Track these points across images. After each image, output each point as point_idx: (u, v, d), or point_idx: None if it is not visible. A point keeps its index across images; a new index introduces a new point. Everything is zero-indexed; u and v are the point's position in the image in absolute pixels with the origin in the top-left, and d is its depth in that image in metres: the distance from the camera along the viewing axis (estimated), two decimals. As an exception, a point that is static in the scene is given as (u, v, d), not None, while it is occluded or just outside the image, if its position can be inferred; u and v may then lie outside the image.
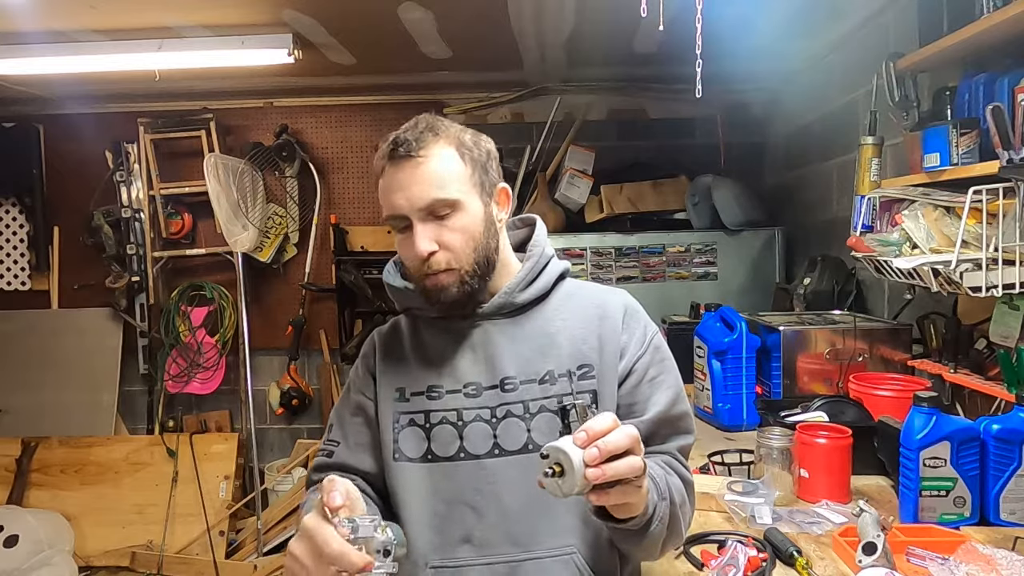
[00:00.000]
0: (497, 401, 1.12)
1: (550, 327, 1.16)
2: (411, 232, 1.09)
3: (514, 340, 1.15)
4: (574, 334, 1.15)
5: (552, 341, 1.15)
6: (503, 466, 1.10)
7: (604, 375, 1.13)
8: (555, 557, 1.08)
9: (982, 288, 1.55)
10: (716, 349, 2.17)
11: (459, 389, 1.13)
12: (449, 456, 1.11)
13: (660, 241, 3.35)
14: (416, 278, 1.13)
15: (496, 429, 1.11)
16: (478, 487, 1.10)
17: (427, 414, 1.14)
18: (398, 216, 1.10)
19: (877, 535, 1.23)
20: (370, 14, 2.71)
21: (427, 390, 1.15)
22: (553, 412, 1.11)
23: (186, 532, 3.75)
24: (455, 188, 1.09)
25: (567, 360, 1.14)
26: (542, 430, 1.10)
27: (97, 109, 4.00)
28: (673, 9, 1.74)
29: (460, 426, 1.12)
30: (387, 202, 1.10)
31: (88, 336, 4.09)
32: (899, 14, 2.35)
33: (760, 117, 3.92)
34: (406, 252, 1.12)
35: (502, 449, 1.10)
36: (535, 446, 1.09)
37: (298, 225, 4.06)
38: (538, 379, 1.12)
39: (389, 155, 1.09)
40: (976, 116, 1.69)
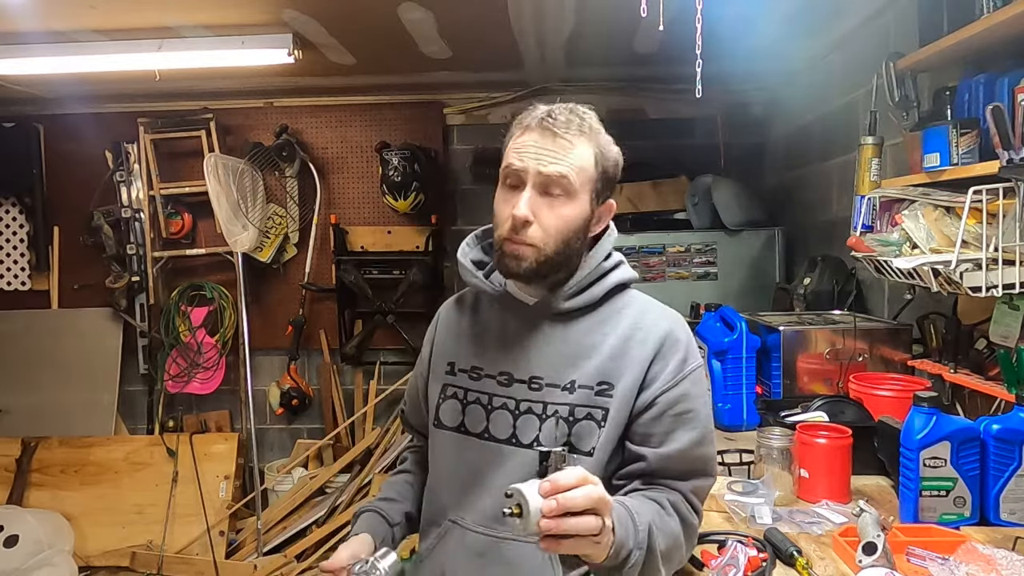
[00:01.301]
0: (523, 395, 1.18)
1: (590, 338, 1.17)
2: (518, 192, 1.13)
3: (552, 343, 1.19)
4: (607, 350, 1.16)
5: (586, 352, 1.16)
6: (515, 454, 1.16)
7: (620, 397, 1.13)
8: (531, 542, 1.08)
9: (982, 288, 1.55)
10: (716, 349, 2.17)
11: (495, 375, 1.20)
12: (477, 433, 1.20)
13: (660, 241, 3.35)
14: (500, 238, 1.15)
15: (516, 420, 1.17)
16: (494, 466, 1.17)
17: (466, 391, 1.22)
18: (518, 171, 1.13)
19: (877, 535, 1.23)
20: (370, 14, 2.71)
21: (471, 369, 1.23)
22: (564, 419, 1.14)
23: (186, 532, 3.75)
24: (577, 179, 1.13)
25: (592, 373, 1.15)
26: (548, 432, 1.14)
27: (97, 109, 4.01)
28: (673, 9, 1.74)
29: (488, 409, 1.20)
30: (513, 157, 1.14)
31: (88, 336, 4.09)
32: (899, 14, 2.35)
33: (760, 117, 3.92)
34: (504, 209, 1.14)
35: (518, 440, 1.17)
36: (538, 443, 1.14)
37: (298, 225, 4.06)
38: (561, 385, 1.16)
39: (540, 122, 1.13)
40: (976, 116, 1.69)
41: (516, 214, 1.11)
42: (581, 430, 1.13)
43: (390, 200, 3.82)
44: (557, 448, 0.95)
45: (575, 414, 1.13)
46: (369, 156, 4.01)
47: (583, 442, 1.13)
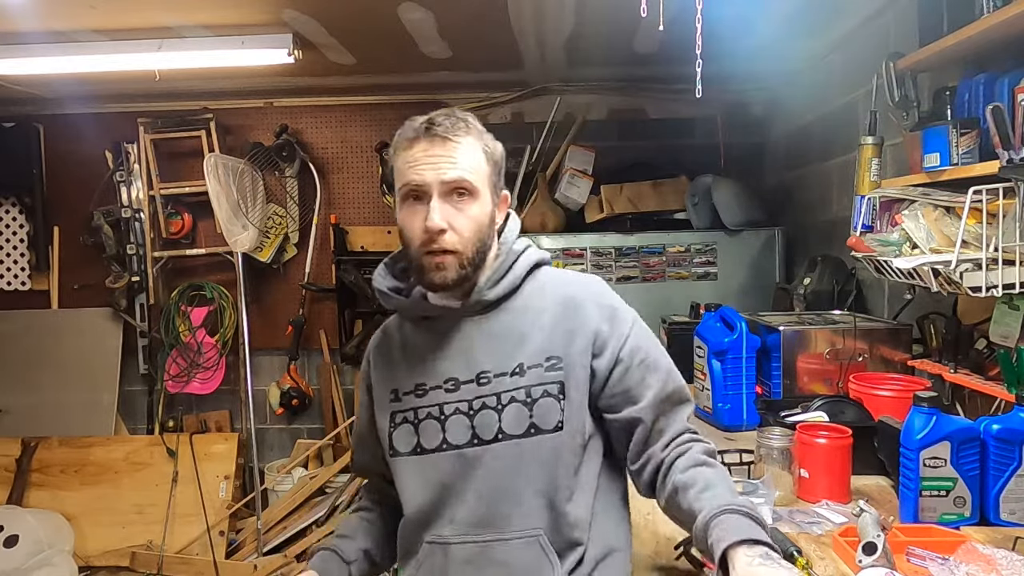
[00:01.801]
0: (474, 394, 1.18)
1: (522, 320, 1.21)
2: (424, 205, 1.14)
3: (489, 335, 1.20)
4: (544, 326, 1.19)
5: (523, 334, 1.19)
6: (480, 454, 1.17)
7: (571, 367, 1.17)
8: (521, 539, 1.15)
9: (982, 288, 1.55)
10: (716, 349, 2.17)
11: (440, 385, 1.20)
12: (434, 448, 1.19)
13: (660, 241, 3.35)
14: (417, 253, 1.16)
15: (473, 420, 1.18)
16: (459, 474, 1.17)
17: (415, 411, 1.22)
18: (419, 186, 1.13)
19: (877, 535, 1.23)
20: (370, 14, 2.71)
21: (414, 388, 1.22)
22: (521, 403, 1.16)
23: (186, 532, 3.75)
24: (477, 177, 1.16)
25: (537, 351, 1.18)
26: (510, 420, 1.16)
27: (97, 109, 4.00)
28: (673, 9, 1.74)
29: (442, 419, 1.19)
30: (411, 172, 1.14)
31: (88, 336, 4.09)
32: (899, 14, 2.35)
33: (760, 117, 3.92)
34: (415, 224, 1.14)
35: (480, 439, 1.17)
36: (504, 435, 1.16)
37: (298, 225, 4.06)
38: (509, 372, 1.18)
39: (425, 131, 1.14)
40: (976, 116, 1.69)
41: (431, 225, 1.12)
42: (541, 409, 1.15)
43: (390, 200, 3.82)
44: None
45: (532, 394, 1.16)
46: (369, 156, 4.01)
47: (547, 420, 1.15)
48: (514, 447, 1.15)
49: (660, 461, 1.16)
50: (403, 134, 1.17)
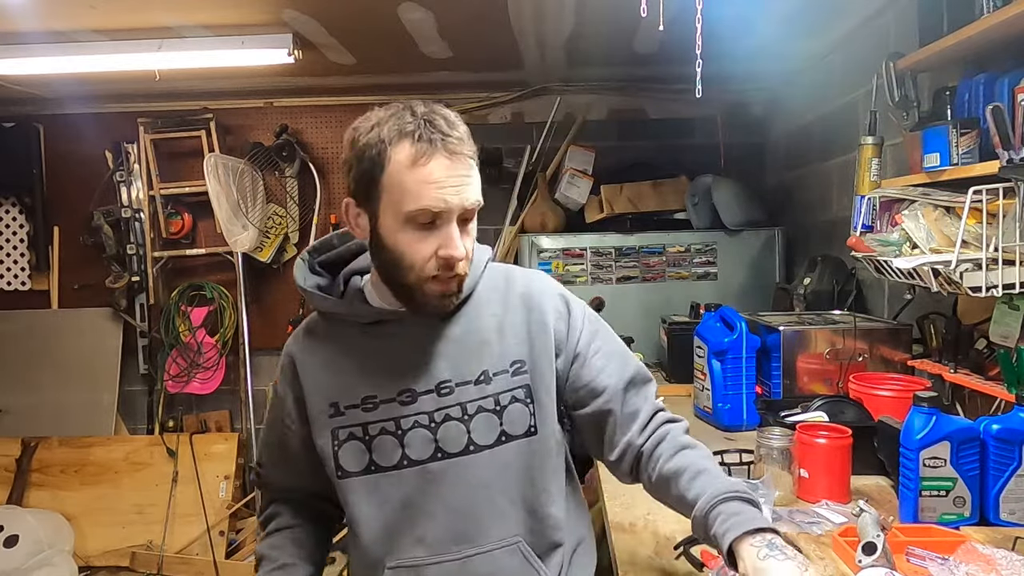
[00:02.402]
0: (434, 406, 1.11)
1: (480, 324, 1.15)
2: (435, 230, 1.02)
3: (446, 342, 1.13)
4: (504, 330, 1.15)
5: (484, 339, 1.14)
6: (446, 468, 1.10)
7: (537, 370, 1.14)
8: (502, 548, 1.11)
9: (982, 288, 1.55)
10: (716, 349, 2.17)
11: (393, 398, 1.11)
12: (392, 465, 1.11)
13: (660, 241, 3.35)
14: (419, 279, 1.05)
15: (436, 433, 1.10)
16: (424, 490, 1.10)
17: (365, 426, 1.11)
18: (436, 211, 1.01)
19: (877, 535, 1.23)
20: (370, 14, 2.70)
21: (362, 402, 1.11)
22: (490, 411, 1.11)
23: (186, 532, 3.75)
24: (480, 196, 1.08)
25: (500, 357, 1.13)
26: (480, 430, 1.11)
27: (97, 109, 4.00)
28: (673, 9, 1.74)
29: (399, 435, 1.10)
30: (428, 195, 1.00)
31: (88, 336, 4.09)
32: (899, 14, 2.35)
33: (760, 117, 3.92)
34: (423, 251, 1.03)
35: (444, 452, 1.10)
36: (476, 446, 1.10)
37: (298, 225, 4.06)
38: (474, 380, 1.12)
39: (443, 144, 1.00)
40: (976, 116, 1.69)
41: (457, 255, 1.03)
42: (511, 415, 1.12)
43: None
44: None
45: (500, 401, 1.11)
46: (369, 156, 4.00)
47: (517, 426, 1.12)
48: (487, 457, 1.11)
49: (640, 449, 1.15)
50: (399, 137, 1.01)
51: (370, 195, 1.05)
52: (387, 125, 1.03)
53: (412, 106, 1.04)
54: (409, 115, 1.03)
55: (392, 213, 1.03)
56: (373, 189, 1.04)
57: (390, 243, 1.05)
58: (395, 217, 1.03)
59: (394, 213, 1.03)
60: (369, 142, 1.03)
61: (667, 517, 1.50)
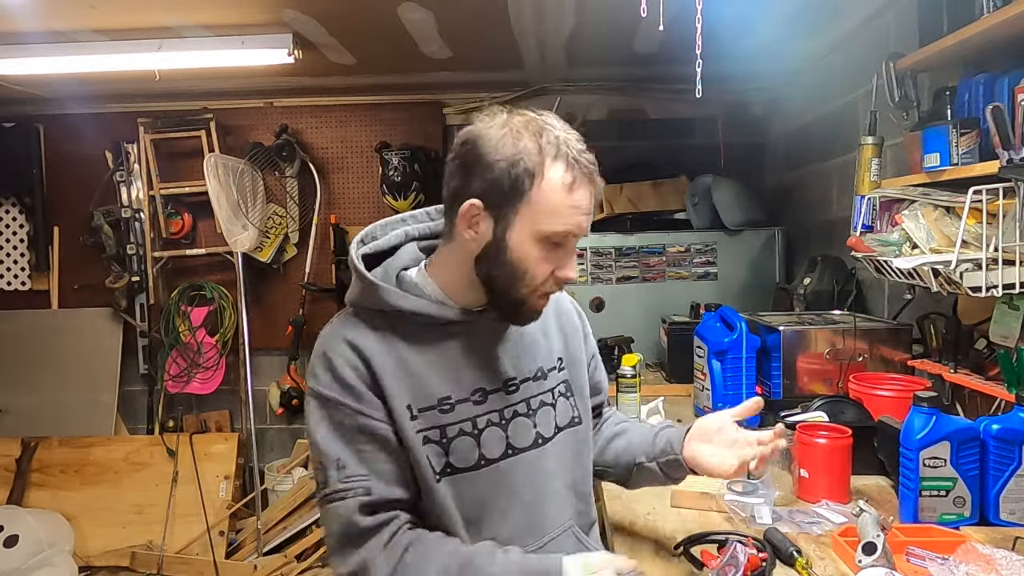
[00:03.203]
0: (503, 404, 1.13)
1: (523, 329, 1.18)
2: (559, 251, 1.06)
3: (507, 342, 1.16)
4: (546, 330, 1.24)
5: (532, 339, 1.20)
6: (516, 464, 1.14)
7: (573, 365, 1.26)
8: (561, 534, 1.18)
9: (982, 288, 1.55)
10: (716, 349, 2.17)
11: (467, 397, 1.10)
12: (470, 467, 1.09)
13: (660, 241, 3.35)
14: (528, 293, 1.07)
15: (507, 431, 1.13)
16: (498, 489, 1.11)
17: (443, 429, 1.08)
18: (575, 236, 1.07)
19: (877, 535, 1.23)
20: (370, 14, 2.70)
21: (438, 403, 1.08)
22: (549, 405, 1.19)
23: (186, 532, 3.75)
24: None
25: (548, 354, 1.22)
26: (543, 423, 1.18)
27: (97, 109, 4.00)
28: (673, 9, 1.74)
29: (476, 434, 1.10)
30: (573, 219, 1.04)
31: (88, 336, 4.09)
32: (899, 14, 2.35)
33: (760, 117, 3.92)
34: (543, 269, 1.06)
35: (515, 448, 1.14)
36: (543, 439, 1.17)
37: (298, 225, 4.06)
38: (532, 376, 1.18)
39: (588, 174, 1.04)
40: (976, 116, 1.69)
41: (573, 277, 1.10)
42: (560, 408, 1.21)
43: (390, 200, 3.82)
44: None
45: (554, 395, 1.20)
46: (369, 156, 4.01)
47: (564, 417, 1.21)
48: (550, 448, 1.18)
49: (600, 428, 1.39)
50: (554, 158, 1.01)
51: (507, 204, 1.03)
52: (539, 141, 1.02)
53: (551, 123, 1.04)
54: (555, 135, 1.03)
55: (528, 227, 1.03)
56: (515, 199, 1.03)
57: (516, 255, 1.05)
58: (530, 232, 1.04)
59: (531, 228, 1.03)
60: (524, 152, 1.01)
61: (667, 517, 1.51)
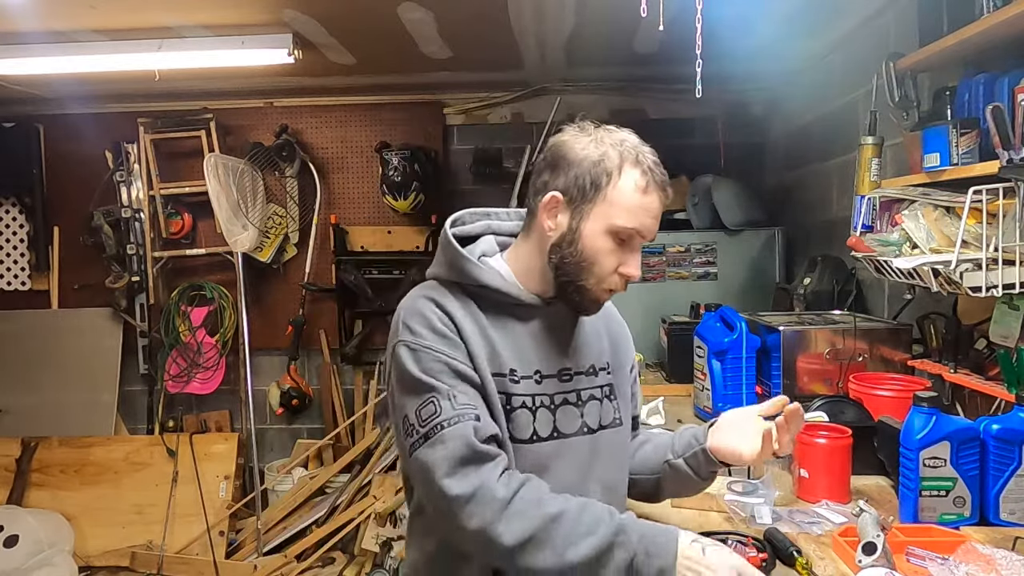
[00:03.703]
0: (555, 389, 1.21)
1: (585, 325, 1.29)
2: (624, 249, 1.16)
3: (567, 336, 1.26)
4: (599, 334, 1.31)
5: (586, 339, 1.28)
6: (558, 447, 1.19)
7: (618, 370, 1.31)
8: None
9: (982, 288, 1.55)
10: (716, 349, 2.17)
11: (530, 375, 1.20)
12: (525, 439, 1.18)
13: (660, 241, 3.35)
14: (597, 285, 1.17)
15: (555, 415, 1.20)
16: (542, 466, 1.17)
17: (509, 397, 1.17)
18: (642, 235, 1.16)
19: (877, 535, 1.23)
20: (370, 14, 2.71)
21: (509, 373, 1.18)
22: (598, 400, 1.26)
23: (186, 532, 3.75)
24: None
25: (599, 356, 1.29)
26: (589, 416, 1.23)
27: (97, 109, 4.00)
28: (673, 9, 1.74)
29: (533, 410, 1.19)
30: (643, 220, 1.15)
31: (88, 336, 4.09)
32: (899, 14, 2.35)
33: (760, 117, 3.92)
34: (610, 263, 1.16)
35: (560, 433, 1.20)
36: (588, 429, 1.22)
37: (298, 225, 4.06)
38: (585, 371, 1.25)
39: (661, 185, 1.17)
40: (976, 116, 1.69)
41: (634, 276, 1.17)
42: (604, 407, 1.27)
43: (390, 200, 3.82)
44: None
45: (600, 394, 1.27)
46: (369, 156, 4.01)
47: (607, 417, 1.26)
48: (590, 441, 1.22)
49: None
50: (632, 164, 1.15)
51: (585, 199, 1.15)
52: (620, 148, 1.16)
53: (632, 139, 1.20)
54: (634, 145, 1.18)
55: (602, 221, 1.15)
56: (594, 194, 1.15)
57: (587, 245, 1.15)
58: (602, 226, 1.15)
59: (606, 223, 1.14)
60: (606, 156, 1.15)
61: (668, 517, 1.51)
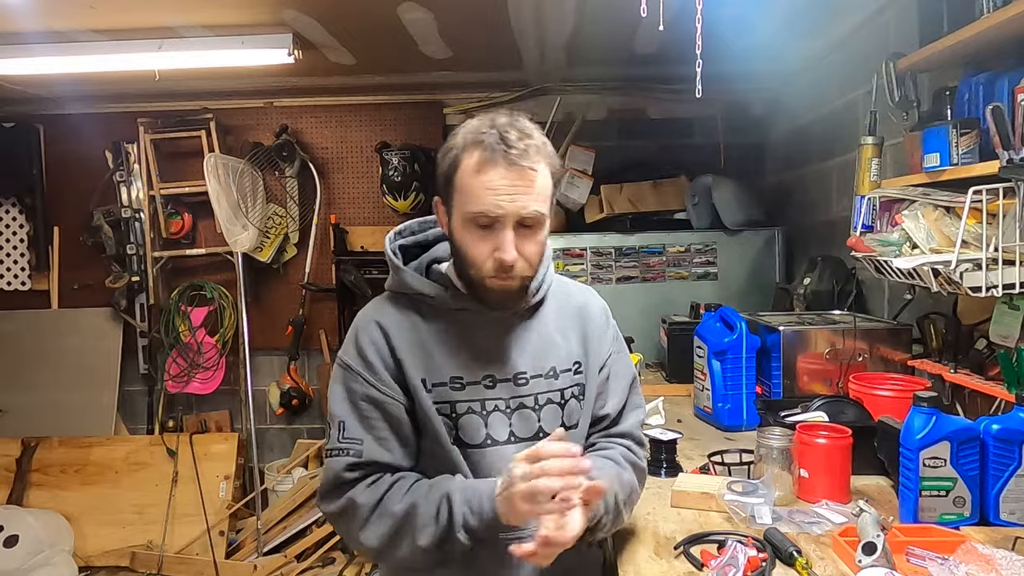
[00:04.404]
0: (510, 393, 1.21)
1: (549, 325, 1.27)
2: (493, 233, 1.12)
3: (523, 338, 1.24)
4: (566, 333, 1.28)
5: (552, 339, 1.26)
6: (516, 451, 1.16)
7: (589, 371, 1.28)
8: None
9: (982, 288, 1.55)
10: (716, 349, 2.17)
11: (479, 381, 1.20)
12: (477, 444, 1.19)
13: (660, 241, 3.35)
14: (480, 276, 1.15)
15: (511, 419, 1.20)
16: (500, 469, 1.15)
17: (452, 404, 1.18)
18: (497, 217, 1.10)
19: (877, 535, 1.23)
20: (370, 14, 2.71)
21: (450, 381, 1.19)
22: (557, 404, 1.23)
23: (186, 532, 3.75)
24: (547, 207, 1.16)
25: (565, 357, 1.26)
26: (548, 420, 1.22)
27: (97, 109, 4.01)
28: (673, 9, 1.74)
29: (484, 415, 1.20)
30: (488, 201, 1.09)
31: (88, 336, 4.09)
32: (899, 14, 2.35)
33: (760, 117, 3.92)
34: (481, 250, 1.13)
35: (517, 437, 1.20)
36: (544, 433, 1.20)
37: (298, 225, 4.06)
38: (544, 374, 1.23)
39: (504, 155, 1.08)
40: (976, 116, 1.69)
41: (505, 260, 1.11)
42: (570, 410, 1.25)
43: (390, 200, 3.82)
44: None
45: (564, 396, 1.24)
46: (369, 156, 4.01)
47: (571, 419, 1.26)
48: None
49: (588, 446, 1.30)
50: (472, 145, 1.11)
51: (448, 195, 1.17)
52: (466, 132, 1.14)
53: (495, 117, 1.15)
54: (488, 125, 1.13)
55: (459, 212, 1.14)
56: (449, 188, 1.16)
57: (458, 238, 1.16)
58: (461, 216, 1.14)
59: (461, 212, 1.14)
60: (450, 145, 1.15)
61: (667, 517, 1.51)
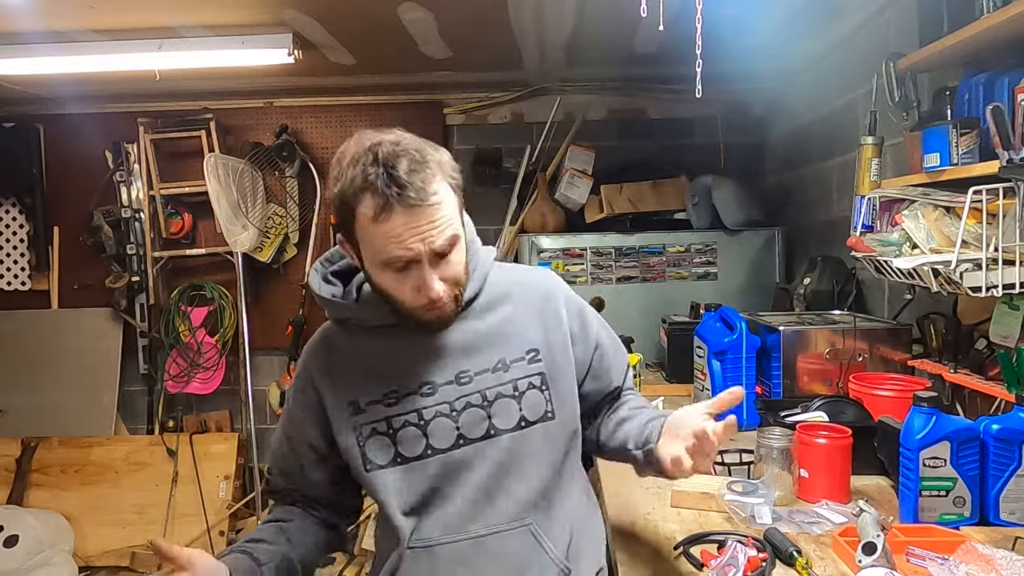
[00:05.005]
0: (455, 395, 1.17)
1: (494, 318, 1.22)
2: (410, 272, 1.07)
3: (462, 335, 1.19)
4: (517, 321, 1.23)
5: (498, 331, 1.21)
6: (468, 454, 1.16)
7: (553, 357, 1.22)
8: (514, 529, 1.16)
9: (982, 288, 1.55)
10: (716, 349, 2.16)
11: (415, 390, 1.17)
12: (417, 456, 1.16)
13: (660, 241, 3.35)
14: (412, 311, 1.12)
15: (458, 421, 1.16)
16: (446, 476, 1.16)
17: (388, 420, 1.16)
18: (405, 259, 1.05)
19: (877, 535, 1.23)
20: (370, 14, 2.70)
21: (383, 397, 1.17)
22: (509, 397, 1.18)
23: (186, 532, 3.75)
24: (456, 223, 1.10)
25: (516, 346, 1.21)
26: (501, 415, 1.17)
27: (97, 109, 4.00)
28: (673, 9, 1.74)
29: (423, 425, 1.16)
30: (396, 248, 1.04)
31: (88, 336, 4.09)
32: (899, 14, 2.35)
33: (760, 117, 3.92)
34: (403, 289, 1.09)
35: (466, 439, 1.16)
36: (496, 431, 1.16)
37: (298, 225, 4.06)
38: (491, 368, 1.18)
39: (398, 198, 1.01)
40: (976, 116, 1.69)
41: (432, 296, 1.08)
42: (529, 401, 1.19)
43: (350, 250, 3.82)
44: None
45: (519, 387, 1.19)
46: (369, 156, 4.00)
47: (534, 411, 1.19)
48: (508, 440, 1.17)
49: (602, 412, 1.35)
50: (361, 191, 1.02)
51: (350, 239, 1.11)
52: (353, 173, 1.03)
53: (376, 146, 1.04)
54: (371, 161, 1.03)
55: (369, 258, 1.10)
56: (351, 235, 1.10)
57: (376, 280, 1.12)
58: (373, 262, 1.10)
59: (371, 259, 1.09)
60: (341, 192, 1.05)
61: (667, 516, 1.51)
